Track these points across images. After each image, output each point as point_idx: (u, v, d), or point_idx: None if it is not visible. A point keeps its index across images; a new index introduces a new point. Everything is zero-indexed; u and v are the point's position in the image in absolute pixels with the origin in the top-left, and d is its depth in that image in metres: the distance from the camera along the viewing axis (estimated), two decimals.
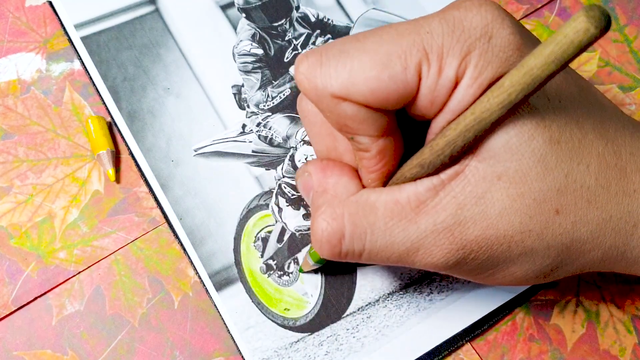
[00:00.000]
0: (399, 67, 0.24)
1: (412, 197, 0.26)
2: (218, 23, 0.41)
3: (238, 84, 0.39)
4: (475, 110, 0.23)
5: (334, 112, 0.25)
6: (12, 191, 0.37)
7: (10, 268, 0.35)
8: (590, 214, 0.26)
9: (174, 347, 0.34)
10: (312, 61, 0.25)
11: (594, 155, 0.26)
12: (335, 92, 0.24)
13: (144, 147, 0.37)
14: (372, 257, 0.27)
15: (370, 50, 0.24)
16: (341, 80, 0.24)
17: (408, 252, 0.27)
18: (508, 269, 0.27)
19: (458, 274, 0.28)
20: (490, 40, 0.24)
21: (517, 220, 0.25)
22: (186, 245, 0.36)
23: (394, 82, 0.24)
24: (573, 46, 0.20)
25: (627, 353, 0.35)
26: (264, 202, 0.37)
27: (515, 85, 0.22)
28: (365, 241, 0.27)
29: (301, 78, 0.25)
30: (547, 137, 0.25)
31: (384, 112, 0.25)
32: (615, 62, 0.41)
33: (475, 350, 0.35)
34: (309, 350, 0.34)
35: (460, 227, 0.25)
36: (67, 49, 0.40)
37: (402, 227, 0.26)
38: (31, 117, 0.38)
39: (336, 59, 0.24)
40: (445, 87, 0.24)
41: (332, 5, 0.42)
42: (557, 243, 0.26)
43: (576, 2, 0.43)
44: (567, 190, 0.25)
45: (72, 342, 0.34)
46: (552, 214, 0.25)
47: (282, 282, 0.35)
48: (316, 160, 0.29)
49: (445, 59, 0.24)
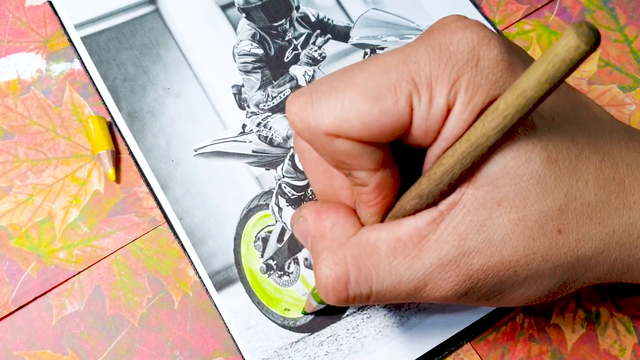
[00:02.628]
0: (390, 100, 0.23)
1: (414, 232, 0.26)
2: (218, 23, 0.41)
3: (238, 84, 0.39)
4: (471, 137, 0.23)
5: (328, 149, 0.25)
6: (12, 191, 0.37)
7: (10, 268, 0.35)
8: (593, 230, 0.26)
9: (174, 347, 0.34)
10: (303, 101, 0.24)
11: (592, 170, 0.25)
12: (328, 130, 0.24)
13: (144, 147, 0.37)
14: (380, 298, 0.27)
15: (359, 85, 0.24)
16: (333, 117, 0.24)
17: (416, 289, 0.26)
18: (516, 292, 0.27)
19: (468, 302, 0.28)
20: (478, 64, 0.23)
21: (520, 245, 0.25)
22: (186, 245, 0.36)
23: (386, 116, 0.23)
24: (565, 64, 0.19)
25: (627, 353, 0.35)
26: (264, 202, 0.37)
27: (510, 108, 0.21)
28: (372, 283, 0.26)
29: (293, 118, 0.25)
30: (544, 157, 0.24)
31: (378, 145, 0.24)
32: (615, 62, 0.41)
33: (475, 350, 0.35)
34: (309, 350, 0.34)
35: (465, 258, 0.25)
36: (67, 49, 0.40)
37: (407, 265, 0.26)
38: (31, 117, 0.38)
39: (327, 96, 0.24)
40: (437, 115, 0.24)
41: (332, 5, 0.42)
42: (562, 262, 0.26)
43: (576, 2, 0.43)
44: (567, 209, 0.25)
45: (72, 342, 0.34)
46: (554, 234, 0.25)
47: (282, 282, 0.35)
48: (310, 204, 0.29)
49: (435, 88, 0.23)
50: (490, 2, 0.43)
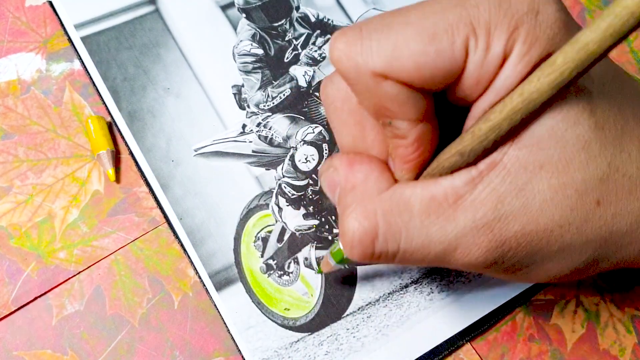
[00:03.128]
0: (446, 41, 0.22)
1: (450, 191, 0.24)
2: (218, 23, 0.41)
3: (238, 84, 0.39)
4: (524, 91, 0.22)
5: (373, 92, 0.23)
6: (12, 191, 0.37)
7: (10, 268, 0.35)
8: (631, 204, 0.25)
9: (174, 347, 0.34)
10: (352, 36, 0.23)
11: (636, 142, 0.25)
12: (377, 69, 0.22)
13: (144, 147, 0.37)
14: (407, 257, 0.26)
15: (414, 24, 0.22)
16: (384, 55, 0.22)
17: (445, 252, 0.25)
18: (544, 266, 0.26)
19: (493, 273, 0.27)
20: (538, 16, 0.22)
21: (557, 214, 0.24)
22: (186, 245, 0.36)
23: (441, 58, 0.22)
24: (634, 17, 0.18)
25: (627, 353, 0.35)
26: (264, 202, 0.37)
27: (569, 63, 0.20)
28: (400, 241, 0.25)
29: (339, 55, 0.23)
30: (592, 122, 0.23)
31: (425, 93, 0.23)
32: (616, 62, 0.41)
33: (475, 350, 0.35)
34: (309, 350, 0.34)
35: (500, 223, 0.24)
36: (67, 49, 0.40)
37: (440, 225, 0.25)
38: (31, 117, 0.38)
39: (378, 33, 0.23)
40: (492, 63, 0.23)
41: (332, 5, 0.42)
42: (596, 236, 0.25)
43: (576, 2, 0.43)
44: (609, 179, 0.24)
45: (72, 342, 0.34)
46: (593, 205, 0.24)
47: (282, 282, 0.35)
48: (342, 155, 0.27)
49: (493, 34, 0.22)
50: None
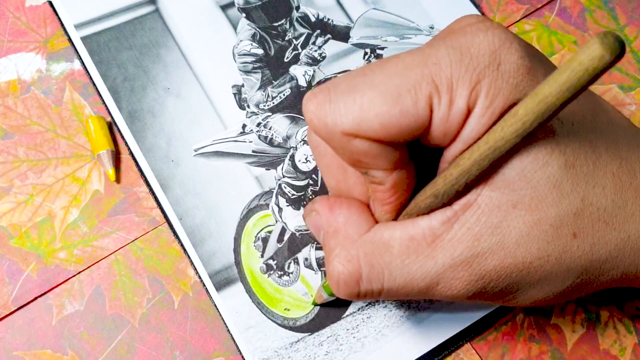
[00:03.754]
0: (410, 101, 0.23)
1: (427, 232, 0.26)
2: (218, 23, 0.41)
3: (238, 84, 0.39)
4: (489, 140, 0.23)
5: (345, 148, 0.24)
6: (12, 191, 0.37)
7: (10, 268, 0.35)
8: (608, 235, 0.26)
9: (174, 347, 0.34)
10: (321, 99, 0.24)
11: (609, 176, 0.25)
12: (346, 130, 0.24)
13: (144, 147, 0.37)
14: (392, 294, 0.27)
15: (379, 85, 0.24)
16: (352, 117, 0.23)
17: (428, 288, 0.26)
18: (529, 293, 0.27)
19: (480, 301, 0.28)
20: (500, 67, 0.23)
21: (535, 247, 0.25)
22: (186, 245, 0.36)
23: (405, 117, 0.23)
24: (587, 73, 0.19)
25: (627, 353, 0.35)
26: (264, 202, 0.37)
27: (530, 114, 0.21)
28: (384, 281, 0.27)
29: (310, 117, 0.24)
30: (562, 162, 0.24)
31: (396, 145, 0.24)
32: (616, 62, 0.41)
33: (475, 350, 0.35)
34: (309, 350, 0.34)
35: (478, 259, 0.25)
36: (67, 49, 0.40)
37: (420, 264, 0.26)
38: (31, 117, 0.38)
39: (345, 95, 0.24)
40: (457, 118, 0.24)
41: (332, 5, 0.42)
42: (576, 265, 0.26)
43: (576, 2, 0.43)
44: (583, 213, 0.25)
45: (72, 342, 0.34)
46: (569, 238, 0.25)
47: (282, 282, 0.35)
48: (323, 198, 0.29)
49: (455, 90, 0.23)
50: (490, 2, 0.43)
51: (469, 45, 0.24)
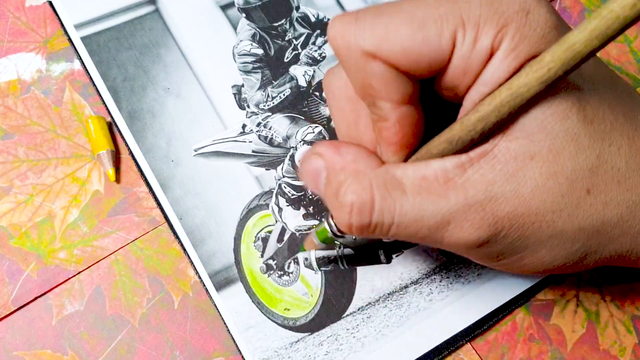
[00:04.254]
0: (434, 30, 0.23)
1: (440, 172, 0.25)
2: (218, 23, 0.41)
3: (238, 84, 0.39)
4: (512, 85, 0.23)
5: (361, 70, 0.25)
6: (12, 191, 0.37)
7: (10, 268, 0.35)
8: (621, 195, 0.26)
9: (174, 347, 0.34)
10: (347, 20, 0.25)
11: (625, 138, 0.26)
12: (367, 48, 0.24)
13: (144, 147, 0.38)
14: (401, 231, 0.27)
15: (406, 12, 0.24)
16: (374, 36, 0.24)
17: (438, 226, 0.26)
18: (537, 253, 0.27)
19: (486, 259, 0.28)
20: (528, 15, 0.24)
21: (549, 199, 0.25)
22: (186, 245, 0.36)
23: (427, 45, 0.24)
24: (618, 21, 0.19)
25: (627, 353, 0.35)
26: (264, 202, 0.37)
27: (556, 61, 0.21)
28: (395, 214, 0.26)
29: (334, 34, 0.25)
30: (581, 116, 0.25)
31: (411, 78, 0.25)
32: (615, 62, 0.41)
33: (475, 350, 0.35)
34: (309, 350, 0.34)
35: (491, 203, 0.25)
36: (67, 49, 0.40)
37: (432, 201, 0.25)
38: (31, 117, 0.38)
39: (372, 17, 0.24)
40: (479, 56, 0.24)
41: (332, 5, 0.42)
42: (587, 224, 0.26)
43: (576, 2, 0.43)
44: (598, 170, 0.25)
45: (72, 342, 0.34)
46: (583, 193, 0.25)
47: (282, 282, 0.35)
48: (325, 142, 0.28)
49: (481, 29, 0.23)
50: None
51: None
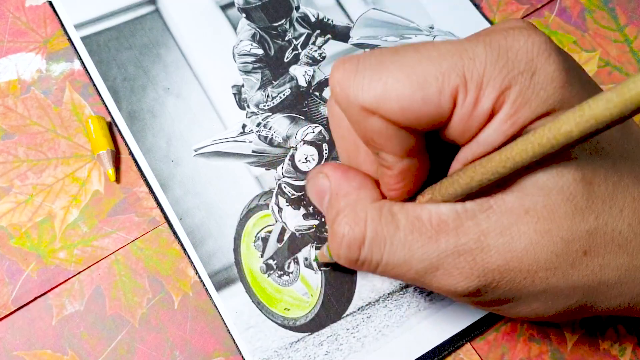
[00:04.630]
0: (435, 89, 0.23)
1: (434, 216, 0.25)
2: (218, 23, 0.41)
3: (238, 84, 0.39)
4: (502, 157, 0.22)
5: (361, 124, 0.24)
6: (12, 191, 0.37)
7: (10, 268, 0.35)
8: (620, 259, 0.25)
9: (174, 347, 0.34)
10: (348, 69, 0.24)
11: (629, 199, 0.25)
12: (365, 105, 0.23)
13: (144, 147, 0.37)
14: (389, 270, 0.27)
15: (407, 66, 0.23)
16: (373, 93, 0.23)
17: (426, 271, 0.26)
18: (530, 305, 0.26)
19: (477, 304, 0.27)
20: (533, 77, 0.23)
21: (542, 257, 0.24)
22: (186, 245, 0.36)
23: (426, 105, 0.23)
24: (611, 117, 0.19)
25: (627, 353, 0.35)
26: (264, 202, 0.37)
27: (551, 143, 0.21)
28: (384, 252, 0.26)
29: (334, 84, 0.24)
30: (578, 176, 0.24)
31: (412, 132, 0.24)
32: (615, 62, 0.41)
33: (475, 350, 0.35)
34: (309, 350, 0.34)
35: (482, 254, 0.25)
36: (67, 49, 0.40)
37: (422, 243, 0.25)
38: (31, 117, 0.38)
39: (372, 70, 0.24)
40: (479, 118, 0.23)
41: (332, 5, 0.42)
42: (582, 284, 0.25)
43: (576, 2, 0.43)
44: (597, 232, 0.24)
45: (72, 342, 0.34)
46: (580, 254, 0.25)
47: (282, 282, 0.35)
48: (334, 163, 0.28)
49: (484, 90, 0.23)
50: (490, 2, 0.43)
51: (507, 48, 0.23)
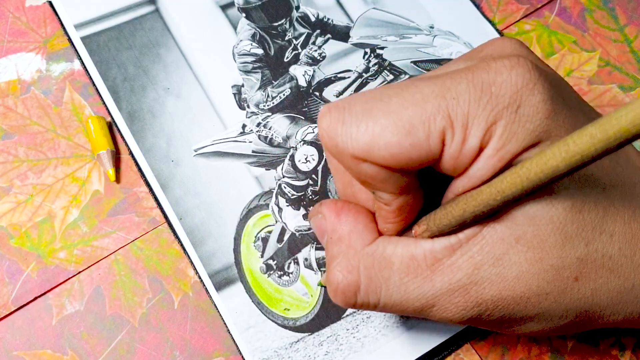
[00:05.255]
0: (422, 134, 0.23)
1: (429, 254, 0.26)
2: (218, 23, 0.41)
3: (238, 84, 0.39)
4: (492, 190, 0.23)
5: (354, 169, 0.25)
6: (12, 191, 0.37)
7: (10, 268, 0.35)
8: (612, 282, 0.25)
9: (174, 347, 0.34)
10: (334, 117, 0.24)
11: (619, 224, 0.25)
12: (355, 154, 0.24)
13: (144, 147, 0.37)
14: (387, 309, 0.27)
15: (393, 113, 0.23)
16: (362, 142, 0.23)
17: (423, 308, 0.27)
18: (525, 325, 0.27)
19: (474, 325, 0.28)
20: (518, 110, 0.23)
21: (534, 284, 0.25)
22: (186, 245, 0.36)
23: (416, 149, 0.23)
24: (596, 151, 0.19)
25: (627, 353, 0.35)
26: (264, 202, 0.37)
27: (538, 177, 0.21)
28: (380, 295, 0.27)
29: (322, 134, 0.25)
30: (567, 205, 0.24)
31: (405, 172, 0.24)
32: (615, 62, 0.41)
33: (475, 350, 0.35)
34: (309, 350, 0.34)
35: (476, 287, 0.25)
36: (67, 49, 0.40)
37: (417, 284, 0.26)
38: (31, 117, 0.38)
39: (358, 119, 0.24)
40: (468, 154, 0.23)
41: (332, 5, 0.42)
42: (575, 307, 0.26)
43: (576, 2, 0.43)
44: (587, 259, 0.25)
45: (72, 342, 0.34)
46: (570, 280, 0.25)
47: (282, 282, 0.35)
48: (330, 202, 0.29)
49: (470, 129, 0.23)
50: (490, 2, 0.43)
51: (490, 83, 0.23)
